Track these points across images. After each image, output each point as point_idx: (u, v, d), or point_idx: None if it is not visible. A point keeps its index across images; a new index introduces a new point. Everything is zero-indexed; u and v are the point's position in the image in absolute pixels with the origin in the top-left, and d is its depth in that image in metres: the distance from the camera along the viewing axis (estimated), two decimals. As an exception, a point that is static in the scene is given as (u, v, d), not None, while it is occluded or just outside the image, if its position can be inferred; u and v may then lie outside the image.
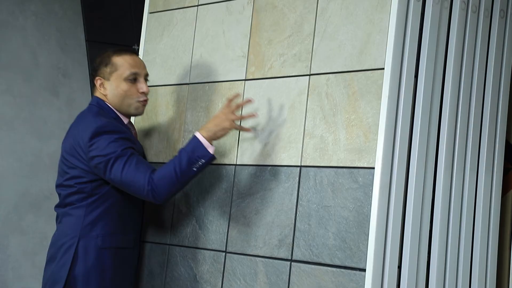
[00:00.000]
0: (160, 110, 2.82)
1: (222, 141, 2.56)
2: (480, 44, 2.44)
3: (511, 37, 2.55)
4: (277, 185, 2.41)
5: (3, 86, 3.31)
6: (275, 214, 2.39)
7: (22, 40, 3.40)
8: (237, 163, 2.53)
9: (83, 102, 3.51)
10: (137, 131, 2.79)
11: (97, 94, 2.53)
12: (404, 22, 2.22)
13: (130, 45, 3.67)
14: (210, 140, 2.35)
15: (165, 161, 2.73)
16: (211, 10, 2.71)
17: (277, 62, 2.47)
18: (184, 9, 2.80)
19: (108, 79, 2.49)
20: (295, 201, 2.35)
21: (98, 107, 2.49)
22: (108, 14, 3.67)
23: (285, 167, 2.40)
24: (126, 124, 2.53)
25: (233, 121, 2.37)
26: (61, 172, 2.50)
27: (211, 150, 2.34)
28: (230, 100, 2.41)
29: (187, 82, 2.74)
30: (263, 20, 2.54)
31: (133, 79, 2.49)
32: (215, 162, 2.43)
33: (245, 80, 2.56)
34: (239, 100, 2.47)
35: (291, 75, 2.43)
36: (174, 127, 2.76)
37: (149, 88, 2.54)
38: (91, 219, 2.43)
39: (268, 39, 2.51)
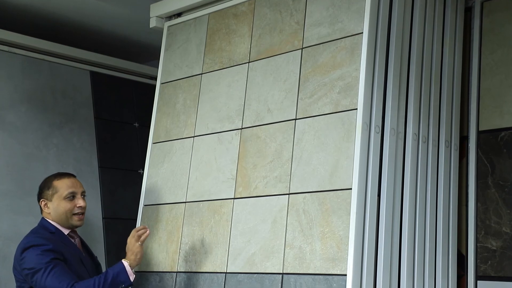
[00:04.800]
0: (161, 225, 2.78)
1: (214, 252, 2.52)
2: (431, 168, 2.48)
3: (456, 163, 2.61)
4: (261, 291, 2.34)
5: (26, 209, 3.29)
6: (260, 317, 2.30)
7: (44, 169, 3.40)
8: (227, 271, 2.46)
9: (95, 220, 3.48)
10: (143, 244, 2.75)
11: (44, 214, 2.62)
12: (367, 150, 2.26)
13: (136, 170, 3.68)
14: (133, 267, 2.44)
15: (165, 270, 2.69)
16: (205, 140, 2.75)
17: (261, 183, 2.48)
18: (182, 139, 2.84)
19: (50, 200, 2.59)
20: (278, 305, 2.27)
21: (40, 225, 2.59)
22: (118, 145, 3.71)
23: (269, 274, 2.34)
24: (66, 235, 2.58)
25: (139, 246, 2.45)
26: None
27: (132, 278, 2.43)
28: (137, 231, 2.48)
29: (184, 200, 2.73)
30: (248, 148, 2.57)
31: (71, 197, 2.57)
32: (208, 270, 2.36)
33: (234, 198, 2.55)
34: (141, 231, 2.49)
35: (273, 194, 2.43)
36: (173, 239, 2.71)
37: (150, 205, 2.52)
38: None
39: (253, 164, 2.54)
